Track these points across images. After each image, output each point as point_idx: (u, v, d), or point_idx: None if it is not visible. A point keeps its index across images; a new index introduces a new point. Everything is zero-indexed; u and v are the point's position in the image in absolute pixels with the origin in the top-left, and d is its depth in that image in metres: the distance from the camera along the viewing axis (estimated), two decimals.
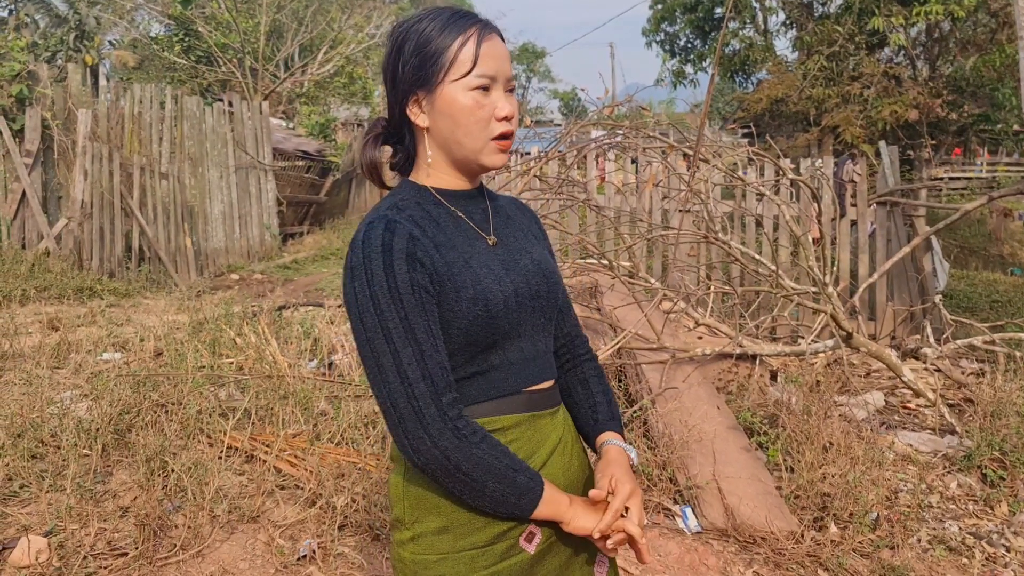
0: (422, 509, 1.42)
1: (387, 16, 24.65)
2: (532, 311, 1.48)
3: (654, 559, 3.30)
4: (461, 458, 1.32)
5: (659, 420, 4.11)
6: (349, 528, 3.30)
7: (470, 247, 1.44)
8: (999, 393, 4.64)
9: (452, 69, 1.39)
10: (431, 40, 1.40)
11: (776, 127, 18.47)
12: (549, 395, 1.53)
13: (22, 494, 3.43)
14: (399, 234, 1.35)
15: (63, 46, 20.50)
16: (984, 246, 15.51)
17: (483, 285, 1.39)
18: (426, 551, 1.40)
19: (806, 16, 17.25)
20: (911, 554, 3.37)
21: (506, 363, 1.45)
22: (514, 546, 1.42)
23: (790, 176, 5.49)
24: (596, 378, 1.66)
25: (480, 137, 1.41)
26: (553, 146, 5.94)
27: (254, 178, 13.37)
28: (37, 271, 8.98)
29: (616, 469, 1.49)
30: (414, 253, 1.35)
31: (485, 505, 1.37)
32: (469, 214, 1.49)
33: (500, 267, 1.45)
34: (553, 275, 1.55)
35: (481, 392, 1.44)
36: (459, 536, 1.40)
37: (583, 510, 1.43)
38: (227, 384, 4.72)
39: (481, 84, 1.39)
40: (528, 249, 1.54)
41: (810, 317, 6.68)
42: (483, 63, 1.39)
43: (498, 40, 1.44)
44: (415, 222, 1.40)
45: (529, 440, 1.47)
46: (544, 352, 1.53)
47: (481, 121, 1.40)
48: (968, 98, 16.70)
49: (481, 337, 1.40)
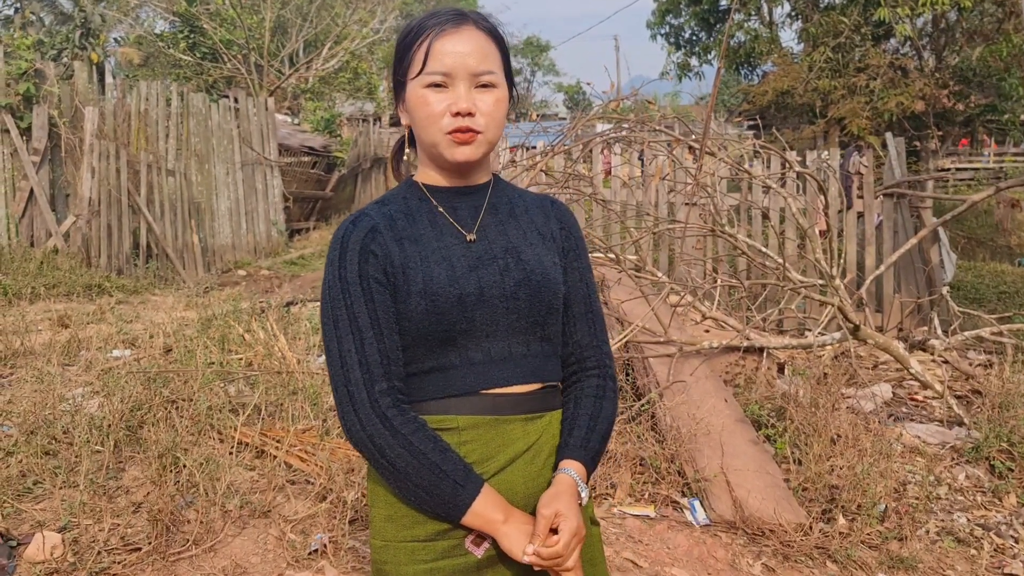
0: (375, 494, 1.47)
1: (391, 11, 24.63)
2: (506, 312, 1.45)
3: (663, 551, 3.31)
4: (385, 445, 1.36)
5: (667, 413, 4.12)
6: (360, 522, 3.32)
7: (438, 242, 1.46)
8: (1007, 384, 4.64)
9: (410, 68, 1.44)
10: (402, 41, 1.47)
11: (782, 119, 18.43)
12: (525, 400, 1.48)
13: (36, 490, 3.46)
14: (360, 228, 1.44)
15: (69, 44, 20.51)
16: (991, 237, 15.47)
17: (434, 280, 1.41)
18: (376, 536, 1.46)
19: (811, 7, 17.17)
20: (919, 546, 3.38)
21: (466, 362, 1.44)
22: (458, 546, 1.41)
23: (796, 168, 5.49)
24: (591, 398, 1.55)
25: (433, 132, 1.43)
26: (559, 140, 5.94)
27: (260, 174, 13.39)
28: (46, 269, 9.02)
29: (562, 503, 1.41)
30: (368, 246, 1.42)
31: (411, 499, 1.39)
32: (454, 210, 1.50)
33: (466, 264, 1.44)
34: (544, 278, 1.49)
35: (438, 389, 1.44)
36: (401, 526, 1.43)
37: (519, 532, 1.39)
38: (236, 380, 4.74)
39: (432, 82, 1.41)
40: (519, 249, 1.50)
41: (817, 309, 6.68)
42: (434, 60, 1.41)
43: (469, 34, 1.43)
44: (388, 216, 1.47)
45: (487, 444, 1.43)
46: (524, 356, 1.47)
47: (432, 117, 1.42)
48: (975, 88, 16.64)
49: (433, 332, 1.41)
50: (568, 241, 1.59)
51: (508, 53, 1.52)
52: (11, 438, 3.83)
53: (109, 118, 10.50)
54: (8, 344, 5.63)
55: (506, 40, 1.51)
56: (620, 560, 3.20)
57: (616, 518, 3.54)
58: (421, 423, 1.40)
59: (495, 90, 1.44)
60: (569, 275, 1.57)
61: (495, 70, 1.44)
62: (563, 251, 1.58)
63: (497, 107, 1.45)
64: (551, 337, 1.52)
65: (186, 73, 19.56)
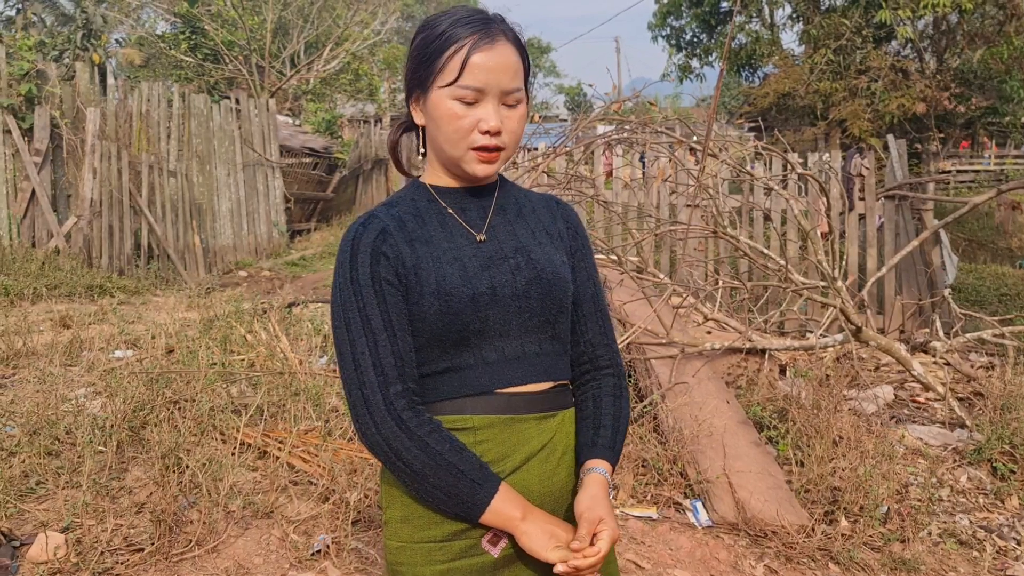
0: (391, 496, 1.46)
1: (392, 12, 24.66)
2: (519, 311, 1.45)
3: (665, 553, 3.32)
4: (401, 447, 1.35)
5: (669, 415, 4.12)
6: (362, 523, 3.32)
7: (449, 243, 1.45)
8: (1009, 386, 4.64)
9: (440, 75, 1.40)
10: (430, 42, 1.42)
11: (783, 121, 18.44)
12: (538, 399, 1.48)
13: (39, 491, 3.46)
14: (370, 229, 1.42)
15: (70, 45, 20.54)
16: (992, 239, 15.47)
17: (447, 280, 1.40)
18: (391, 537, 1.45)
19: (813, 9, 17.18)
20: (922, 547, 3.38)
21: (481, 362, 1.43)
22: (475, 546, 1.41)
23: (798, 170, 5.49)
24: (611, 397, 1.56)
25: (460, 146, 1.42)
26: (561, 142, 5.95)
27: (261, 175, 13.40)
28: (47, 269, 9.02)
29: (603, 508, 1.41)
30: (380, 248, 1.41)
31: (428, 500, 1.38)
32: (463, 211, 1.49)
33: (478, 264, 1.44)
34: (554, 277, 1.49)
35: (453, 389, 1.43)
36: (417, 527, 1.42)
37: (539, 530, 1.38)
38: (239, 381, 4.74)
39: (463, 96, 1.39)
40: (528, 248, 1.50)
41: (819, 311, 6.68)
42: (469, 75, 1.38)
43: (502, 49, 1.40)
44: (397, 218, 1.46)
45: (503, 443, 1.43)
46: (537, 355, 1.48)
47: (461, 131, 1.40)
48: (976, 91, 16.65)
49: (447, 332, 1.41)
50: (575, 240, 1.60)
51: (529, 61, 1.50)
52: (14, 438, 3.83)
53: (111, 119, 10.51)
54: (10, 344, 5.63)
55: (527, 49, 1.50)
56: (623, 562, 3.20)
57: (618, 519, 3.54)
58: (436, 424, 1.39)
59: (520, 106, 1.44)
60: (577, 274, 1.58)
61: (521, 86, 1.44)
62: (570, 250, 1.58)
63: (520, 123, 1.45)
64: (561, 336, 1.52)
65: (188, 74, 19.57)
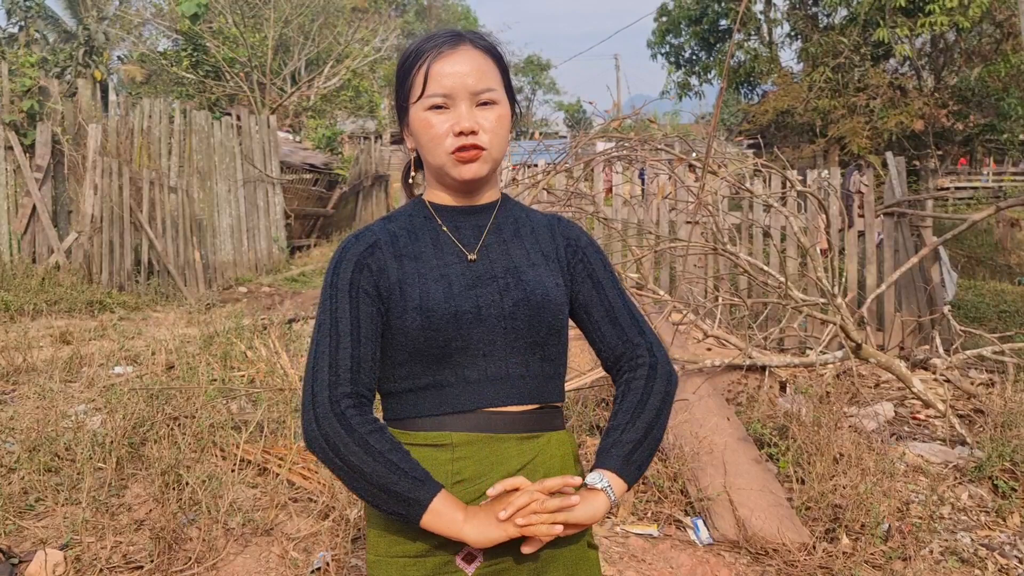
0: (369, 509, 1.47)
1: (392, 30, 24.79)
2: (504, 332, 1.45)
3: (666, 571, 3.30)
4: (340, 444, 1.36)
5: (670, 432, 4.12)
6: (362, 540, 3.31)
7: (438, 260, 1.47)
8: (1009, 403, 4.64)
9: (412, 93, 1.47)
10: (402, 66, 1.51)
11: (782, 138, 18.50)
12: (521, 419, 1.47)
13: (38, 508, 3.45)
14: (361, 242, 1.48)
15: (72, 61, 20.66)
16: (991, 256, 15.50)
17: (430, 297, 1.42)
18: (370, 550, 1.47)
19: (811, 27, 17.29)
20: (923, 565, 3.37)
21: (462, 380, 1.44)
22: (449, 563, 1.41)
23: (797, 187, 5.51)
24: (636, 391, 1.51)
25: (439, 153, 1.46)
26: (561, 159, 5.97)
27: (262, 191, 13.44)
28: (48, 285, 9.04)
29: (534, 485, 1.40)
30: (364, 260, 1.45)
31: (369, 499, 1.37)
32: (457, 229, 1.51)
33: (465, 283, 1.46)
34: (544, 299, 1.48)
35: (434, 405, 1.45)
36: (393, 542, 1.43)
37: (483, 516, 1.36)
38: (239, 397, 4.74)
39: (433, 104, 1.44)
40: (520, 269, 1.50)
41: (819, 328, 6.68)
42: (433, 83, 1.43)
43: (465, 53, 1.45)
44: (391, 233, 1.50)
45: (480, 461, 1.43)
46: (522, 376, 1.47)
47: (437, 137, 1.44)
48: (974, 108, 16.72)
49: (428, 348, 1.42)
50: (575, 255, 1.58)
51: (508, 70, 1.52)
52: (13, 455, 3.82)
53: (112, 135, 10.55)
54: (10, 360, 5.63)
55: (505, 57, 1.52)
56: None
57: (619, 537, 3.53)
58: (381, 426, 1.40)
59: (496, 107, 1.46)
60: (580, 285, 1.57)
61: (495, 87, 1.46)
62: (569, 266, 1.57)
63: (499, 123, 1.47)
64: (552, 358, 1.51)
65: (189, 91, 19.64)
